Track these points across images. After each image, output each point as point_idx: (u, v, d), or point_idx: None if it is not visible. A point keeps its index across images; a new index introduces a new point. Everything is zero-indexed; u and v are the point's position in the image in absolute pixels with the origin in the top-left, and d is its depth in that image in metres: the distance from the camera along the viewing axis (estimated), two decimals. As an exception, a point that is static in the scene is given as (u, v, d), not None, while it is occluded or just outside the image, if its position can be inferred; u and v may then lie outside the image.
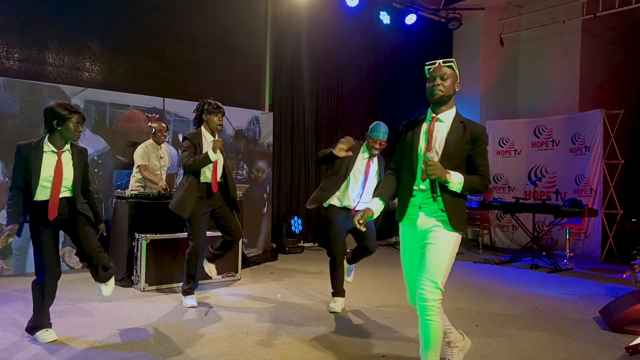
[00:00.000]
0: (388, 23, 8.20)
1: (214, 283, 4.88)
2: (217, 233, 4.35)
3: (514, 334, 3.52)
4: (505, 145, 8.45)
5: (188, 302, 4.01)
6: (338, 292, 4.01)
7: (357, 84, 8.18)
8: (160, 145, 5.27)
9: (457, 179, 2.32)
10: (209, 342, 3.18)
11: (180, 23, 6.36)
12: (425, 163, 2.30)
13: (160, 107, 5.97)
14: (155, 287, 4.54)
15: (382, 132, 3.79)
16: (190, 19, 6.46)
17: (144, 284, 4.48)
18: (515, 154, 8.34)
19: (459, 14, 8.76)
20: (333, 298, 4.03)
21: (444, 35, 9.24)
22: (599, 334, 3.57)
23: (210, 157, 3.79)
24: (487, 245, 8.02)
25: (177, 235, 4.71)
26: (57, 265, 3.09)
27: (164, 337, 3.25)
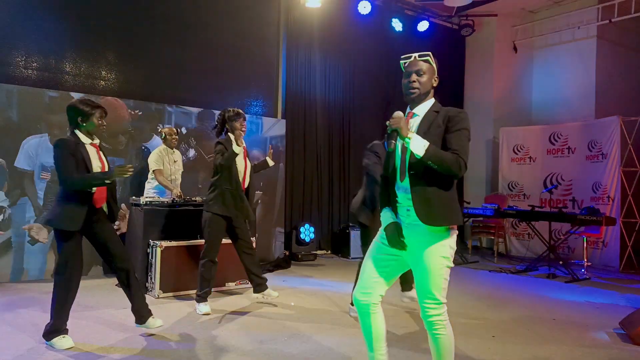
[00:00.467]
0: (400, 30, 8.19)
1: (227, 290, 4.88)
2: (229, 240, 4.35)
3: (532, 346, 3.45)
4: (520, 153, 8.35)
5: (202, 309, 4.02)
6: None
7: (369, 91, 8.18)
8: (174, 150, 5.29)
9: (420, 141, 2.13)
10: (223, 349, 3.17)
11: (194, 32, 6.43)
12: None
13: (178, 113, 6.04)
14: (170, 293, 4.56)
15: None
16: (204, 28, 6.52)
17: (159, 291, 4.50)
18: (530, 161, 8.24)
19: (472, 21, 8.71)
20: (353, 306, 4.00)
21: (457, 42, 9.21)
22: (620, 346, 3.49)
23: (235, 150, 3.99)
24: (502, 254, 7.91)
25: (191, 242, 4.73)
26: (82, 262, 3.19)
27: (179, 344, 3.26)
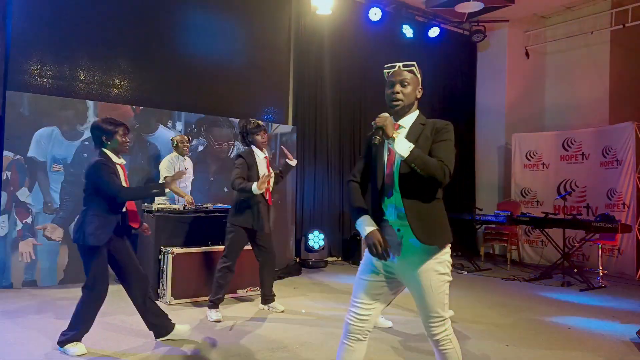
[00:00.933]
0: (411, 37, 8.18)
1: (239, 297, 4.87)
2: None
3: (547, 355, 3.39)
4: (533, 159, 8.26)
5: (213, 315, 4.02)
6: None
7: (380, 98, 8.11)
8: (185, 157, 5.33)
9: (405, 142, 2.07)
10: (234, 357, 3.16)
11: (206, 40, 6.48)
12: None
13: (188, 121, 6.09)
14: (181, 300, 4.56)
15: None
16: (216, 36, 6.58)
17: (170, 298, 4.50)
18: (544, 168, 8.15)
19: (483, 27, 8.66)
20: None
21: (468, 48, 9.17)
22: (638, 356, 3.41)
23: (254, 191, 3.94)
24: (515, 262, 7.81)
25: (203, 249, 4.74)
26: (108, 277, 3.25)
27: (190, 351, 3.25)
